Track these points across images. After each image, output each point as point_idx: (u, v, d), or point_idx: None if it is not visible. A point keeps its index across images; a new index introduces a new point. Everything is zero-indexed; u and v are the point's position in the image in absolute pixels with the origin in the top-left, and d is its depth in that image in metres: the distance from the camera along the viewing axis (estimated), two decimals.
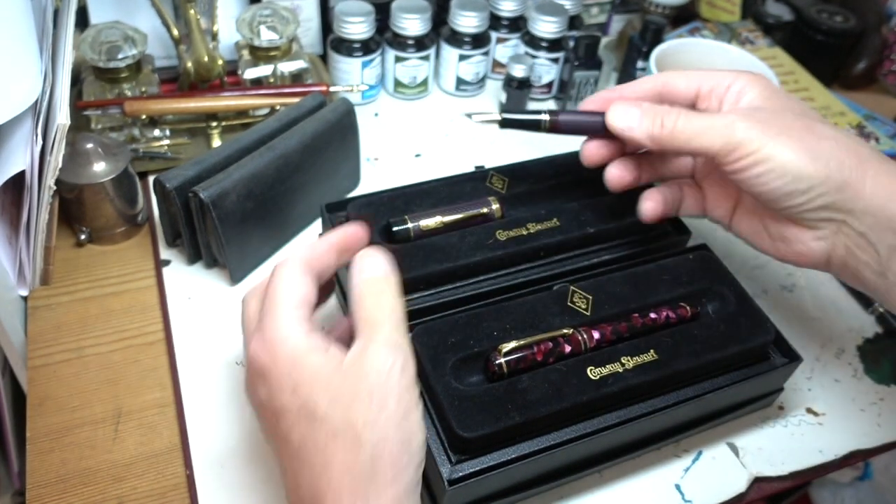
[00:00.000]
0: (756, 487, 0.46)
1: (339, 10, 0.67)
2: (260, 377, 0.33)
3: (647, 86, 0.45)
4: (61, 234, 0.56)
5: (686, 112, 0.41)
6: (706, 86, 0.43)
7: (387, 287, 0.35)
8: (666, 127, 0.41)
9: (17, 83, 0.46)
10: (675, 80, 0.44)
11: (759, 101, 0.41)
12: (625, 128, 0.43)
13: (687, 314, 0.46)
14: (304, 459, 0.32)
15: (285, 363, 0.32)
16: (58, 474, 0.43)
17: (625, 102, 0.43)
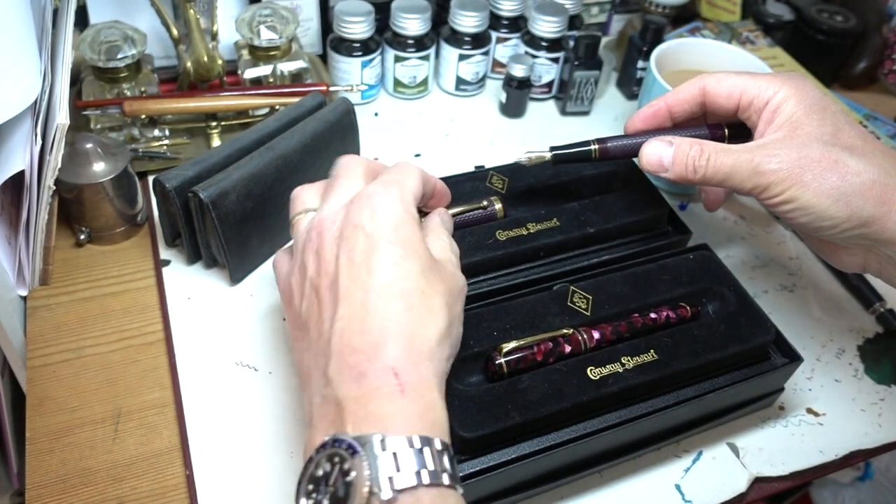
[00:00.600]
0: (756, 487, 0.46)
1: (338, 10, 0.67)
2: (377, 210, 0.35)
3: (690, 94, 0.45)
4: (61, 234, 0.56)
5: (714, 152, 0.41)
6: (746, 97, 0.43)
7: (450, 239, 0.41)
8: (698, 172, 0.42)
9: (17, 83, 0.46)
10: (715, 87, 0.44)
11: (791, 123, 0.41)
12: (658, 170, 0.44)
13: (687, 314, 0.46)
14: (387, 295, 0.34)
15: (405, 217, 0.36)
16: (57, 474, 0.43)
17: (657, 142, 0.44)
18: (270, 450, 0.45)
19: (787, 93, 0.41)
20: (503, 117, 0.74)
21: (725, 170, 0.41)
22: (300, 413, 0.47)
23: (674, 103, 0.46)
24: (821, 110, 0.41)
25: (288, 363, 0.50)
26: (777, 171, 0.39)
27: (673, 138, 0.44)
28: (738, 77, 0.44)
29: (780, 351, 0.47)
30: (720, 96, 0.44)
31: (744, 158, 0.40)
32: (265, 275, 0.55)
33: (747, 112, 0.43)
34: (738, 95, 0.43)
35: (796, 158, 0.39)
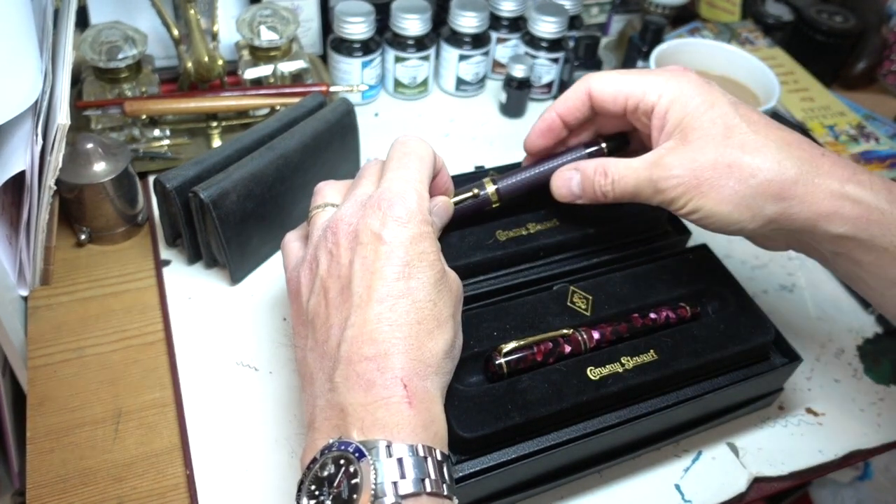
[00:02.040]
0: (756, 487, 0.47)
1: (339, 10, 0.67)
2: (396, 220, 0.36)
3: (578, 99, 0.44)
4: (61, 234, 0.56)
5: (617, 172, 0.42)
6: (632, 101, 0.42)
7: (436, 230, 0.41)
8: (607, 196, 0.43)
9: (18, 83, 0.46)
10: (600, 90, 0.43)
11: (681, 129, 0.40)
12: (572, 199, 0.45)
13: (687, 314, 0.46)
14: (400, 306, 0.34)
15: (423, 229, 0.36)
16: (58, 474, 0.43)
17: (564, 171, 0.45)
18: (270, 450, 0.45)
19: (671, 95, 0.41)
20: (503, 117, 0.74)
21: (630, 190, 0.42)
22: (300, 413, 0.47)
23: (564, 112, 0.45)
24: (709, 108, 0.40)
25: (288, 363, 0.50)
26: (676, 187, 0.39)
27: (578, 164, 0.44)
28: (622, 79, 0.43)
29: (779, 351, 0.47)
30: (606, 101, 0.43)
31: (643, 177, 0.41)
32: (265, 275, 0.55)
33: (635, 115, 0.43)
34: (623, 98, 0.42)
35: (691, 170, 0.39)
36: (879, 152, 0.67)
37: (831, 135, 0.68)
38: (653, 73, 0.42)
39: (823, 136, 0.67)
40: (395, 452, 0.30)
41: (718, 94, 0.41)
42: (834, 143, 0.67)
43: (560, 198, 0.45)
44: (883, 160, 0.66)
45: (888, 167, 0.65)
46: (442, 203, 0.43)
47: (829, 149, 0.42)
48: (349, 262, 0.35)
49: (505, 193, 0.46)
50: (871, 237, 0.38)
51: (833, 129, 0.68)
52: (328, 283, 0.36)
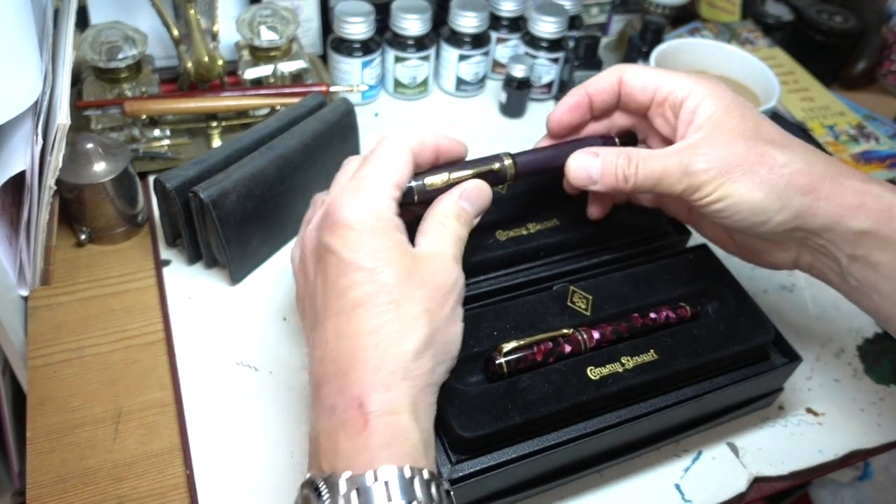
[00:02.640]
0: (756, 487, 0.47)
1: (339, 10, 0.67)
2: (345, 226, 0.34)
3: (609, 83, 0.44)
4: (61, 234, 0.56)
5: (643, 157, 0.41)
6: (661, 92, 0.42)
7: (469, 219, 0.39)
8: (629, 181, 0.41)
9: (18, 83, 0.46)
10: (632, 78, 0.44)
11: (712, 122, 0.40)
12: (587, 184, 0.43)
13: (687, 314, 0.46)
14: (357, 317, 0.33)
15: (373, 226, 0.34)
16: (58, 474, 0.43)
17: (583, 154, 0.42)
18: (270, 450, 0.45)
19: (702, 93, 0.41)
20: (503, 117, 0.74)
21: (656, 175, 0.40)
22: (300, 413, 0.47)
23: (594, 92, 0.45)
24: (739, 107, 0.41)
25: (288, 363, 0.50)
26: (707, 170, 0.39)
27: (598, 149, 0.42)
28: (655, 72, 0.43)
29: (779, 351, 0.47)
30: (636, 88, 0.43)
31: (672, 161, 0.40)
32: (266, 275, 0.55)
33: (661, 108, 0.43)
34: (652, 90, 0.43)
35: (724, 155, 0.39)
36: (879, 152, 0.67)
37: (831, 135, 0.68)
38: (683, 74, 0.43)
39: (823, 136, 0.67)
40: (358, 483, 0.29)
41: (745, 100, 0.42)
42: (834, 142, 0.67)
43: (575, 181, 0.43)
44: (883, 160, 0.66)
45: (888, 167, 0.65)
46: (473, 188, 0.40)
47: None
48: (314, 279, 0.35)
49: (522, 168, 0.44)
50: (893, 232, 0.38)
51: (833, 129, 0.68)
52: (303, 303, 0.36)
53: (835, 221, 0.39)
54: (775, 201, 0.39)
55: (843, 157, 0.65)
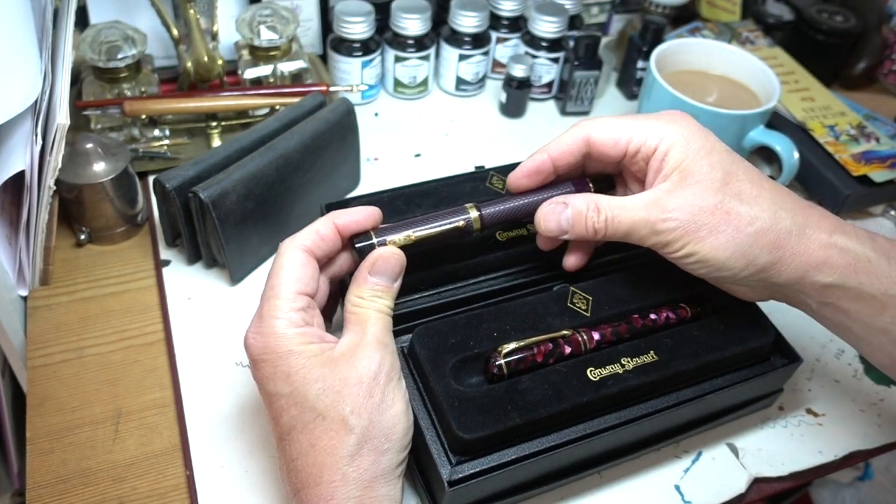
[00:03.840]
0: (756, 488, 0.46)
1: (339, 10, 0.67)
2: (256, 362, 0.37)
3: (574, 143, 0.43)
4: (61, 234, 0.56)
5: (611, 210, 0.40)
6: (633, 145, 0.41)
7: (383, 294, 0.39)
8: (598, 233, 0.41)
9: (17, 83, 0.46)
10: (600, 135, 0.42)
11: (680, 172, 0.40)
12: (558, 234, 0.42)
13: (687, 315, 0.46)
14: (293, 439, 0.35)
15: (279, 353, 0.36)
16: (58, 475, 0.43)
17: (552, 204, 0.42)
18: (270, 450, 0.45)
19: (672, 138, 0.40)
20: (503, 117, 0.74)
21: (624, 228, 0.40)
22: None
23: (557, 155, 0.43)
24: (708, 153, 0.40)
25: None
26: (674, 230, 0.39)
27: (568, 198, 0.42)
28: (621, 124, 0.42)
29: (779, 351, 0.47)
30: (606, 145, 0.42)
31: (639, 217, 0.40)
32: (265, 275, 0.55)
33: (635, 159, 0.42)
34: (625, 144, 0.41)
35: (690, 213, 0.39)
36: (880, 152, 0.66)
37: (832, 135, 0.68)
38: (650, 118, 0.42)
39: (824, 136, 0.67)
40: None
41: (715, 140, 0.41)
42: (834, 143, 0.67)
43: (546, 232, 0.42)
44: (883, 160, 0.65)
45: (889, 167, 0.65)
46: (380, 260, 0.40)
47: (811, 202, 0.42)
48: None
49: (489, 221, 0.44)
50: (860, 285, 0.38)
51: (833, 129, 0.68)
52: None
53: (800, 276, 0.39)
54: (740, 259, 0.39)
55: (843, 157, 0.65)
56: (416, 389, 0.42)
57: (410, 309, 0.46)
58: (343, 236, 0.41)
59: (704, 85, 0.66)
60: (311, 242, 0.39)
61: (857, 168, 0.65)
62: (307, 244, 0.39)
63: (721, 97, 0.65)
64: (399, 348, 0.44)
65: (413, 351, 0.43)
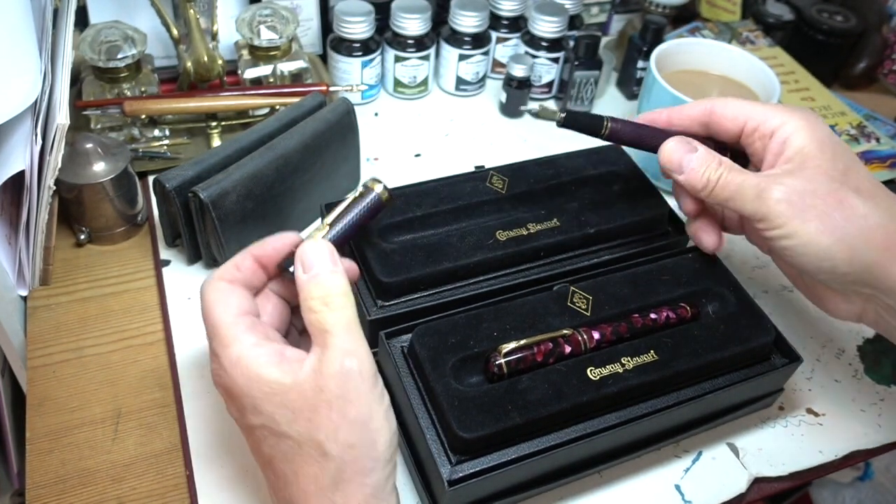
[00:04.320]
0: (756, 488, 0.46)
1: (339, 10, 0.67)
2: (226, 396, 0.35)
3: (696, 111, 0.44)
4: (61, 234, 0.56)
5: (728, 168, 0.41)
6: (752, 122, 0.42)
7: (333, 285, 0.34)
8: (709, 185, 0.41)
9: (17, 83, 0.46)
10: (722, 108, 0.43)
11: (802, 155, 0.39)
12: (674, 170, 0.43)
13: (687, 314, 0.46)
14: (275, 469, 0.34)
15: (242, 383, 0.33)
16: (57, 475, 0.43)
17: (681, 142, 0.43)
18: None
19: (796, 124, 0.40)
20: (503, 117, 0.74)
21: (732, 188, 0.40)
22: None
23: (676, 119, 0.45)
24: (832, 146, 0.39)
25: None
26: (781, 201, 0.38)
27: (697, 144, 0.42)
28: (747, 103, 0.43)
29: (779, 351, 0.47)
30: (726, 118, 0.43)
31: (751, 181, 0.39)
32: None
33: (751, 138, 0.42)
34: (743, 120, 0.42)
35: (802, 191, 0.38)
36: (880, 152, 0.66)
37: None
38: (777, 105, 0.42)
39: None
40: None
41: (840, 140, 0.40)
42: None
43: (666, 163, 0.43)
44: (884, 160, 0.65)
45: (889, 167, 0.65)
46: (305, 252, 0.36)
47: None
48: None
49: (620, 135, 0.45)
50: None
51: (834, 129, 0.68)
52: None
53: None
54: (844, 250, 0.37)
55: None
56: (416, 389, 0.42)
57: (410, 309, 0.46)
58: (264, 265, 0.38)
59: (704, 85, 0.66)
60: (228, 275, 0.37)
61: None
62: (225, 276, 0.36)
63: (721, 97, 0.65)
64: (399, 348, 0.44)
65: (413, 351, 0.43)
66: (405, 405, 0.42)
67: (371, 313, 0.46)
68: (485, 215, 0.51)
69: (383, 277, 0.46)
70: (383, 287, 0.46)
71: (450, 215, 0.51)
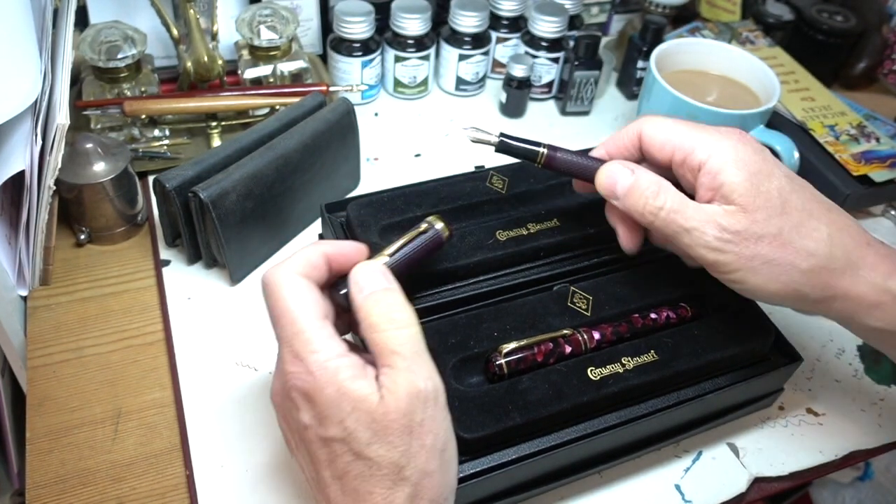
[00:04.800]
0: (756, 487, 0.46)
1: (339, 10, 0.67)
2: (304, 401, 0.32)
3: (627, 137, 0.42)
4: (61, 234, 0.56)
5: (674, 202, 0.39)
6: (679, 153, 0.39)
7: (393, 302, 0.34)
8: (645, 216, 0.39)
9: (17, 83, 0.46)
10: (651, 133, 0.41)
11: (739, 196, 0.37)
12: (609, 196, 0.41)
13: (687, 314, 0.46)
14: (347, 486, 0.31)
15: (330, 393, 0.31)
16: (57, 475, 0.43)
17: (619, 165, 0.41)
18: (270, 450, 0.45)
19: (723, 158, 0.38)
20: (503, 117, 0.74)
21: (674, 228, 0.39)
22: None
23: (613, 150, 0.42)
24: (767, 177, 0.38)
25: None
26: (728, 253, 0.38)
27: (637, 167, 0.40)
28: (674, 128, 0.40)
29: (779, 351, 0.47)
30: (654, 146, 0.40)
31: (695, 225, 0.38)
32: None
33: (681, 170, 0.40)
34: (670, 150, 0.40)
35: (747, 242, 0.37)
36: (880, 152, 0.66)
37: (832, 135, 0.68)
38: (706, 130, 0.39)
39: (824, 136, 0.67)
40: None
41: (773, 165, 0.39)
42: (835, 143, 0.67)
43: (600, 188, 0.41)
44: (884, 160, 0.65)
45: (889, 167, 0.65)
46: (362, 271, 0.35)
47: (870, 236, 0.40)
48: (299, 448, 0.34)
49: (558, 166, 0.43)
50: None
51: (834, 129, 0.68)
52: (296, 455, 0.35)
53: (850, 315, 0.39)
54: (790, 294, 0.38)
55: (843, 156, 0.65)
56: None
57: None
58: (332, 269, 0.36)
59: (704, 85, 0.66)
60: (304, 270, 0.34)
61: (857, 168, 0.65)
62: (301, 271, 0.34)
63: (721, 97, 0.65)
64: None
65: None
66: None
67: None
68: (485, 215, 0.51)
69: None
70: None
71: (450, 215, 0.50)
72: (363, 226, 0.48)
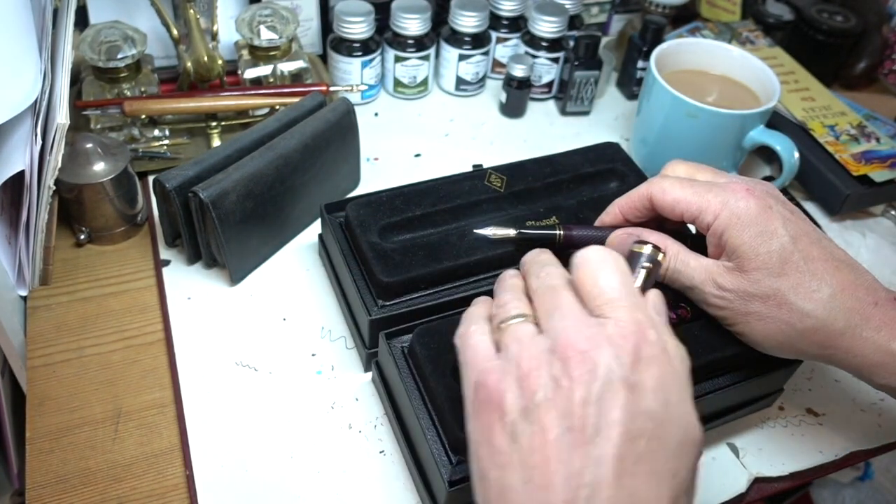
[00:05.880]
0: (756, 488, 0.46)
1: (339, 10, 0.67)
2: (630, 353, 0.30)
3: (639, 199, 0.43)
4: (61, 234, 0.56)
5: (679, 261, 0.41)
6: (688, 215, 0.41)
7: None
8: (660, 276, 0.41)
9: (17, 83, 0.46)
10: (660, 196, 0.42)
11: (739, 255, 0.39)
12: None
13: (687, 315, 0.46)
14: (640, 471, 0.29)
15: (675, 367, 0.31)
16: (57, 474, 0.43)
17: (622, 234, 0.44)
18: (270, 450, 0.45)
19: (727, 219, 0.39)
20: (503, 117, 0.74)
21: (678, 285, 0.42)
22: (300, 413, 0.47)
23: (626, 210, 0.44)
24: (766, 238, 0.38)
25: (288, 363, 0.50)
26: (724, 308, 0.41)
27: (642, 232, 0.43)
28: (681, 191, 0.41)
29: None
30: (664, 209, 0.42)
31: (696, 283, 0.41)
32: (265, 275, 0.55)
33: (694, 226, 0.42)
34: (679, 212, 0.41)
35: (742, 299, 0.39)
36: (880, 152, 0.66)
37: (832, 135, 0.68)
38: (713, 191, 0.40)
39: (824, 136, 0.67)
40: None
41: (778, 225, 0.39)
42: (835, 143, 0.67)
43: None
44: (884, 160, 0.65)
45: (889, 167, 0.65)
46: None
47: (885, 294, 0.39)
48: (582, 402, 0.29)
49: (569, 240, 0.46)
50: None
51: (834, 129, 0.68)
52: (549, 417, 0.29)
53: (856, 370, 0.40)
54: (789, 349, 0.40)
55: (843, 156, 0.65)
56: (416, 389, 0.42)
57: (411, 309, 0.46)
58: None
59: (704, 85, 0.66)
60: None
61: (857, 168, 0.65)
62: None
63: (721, 97, 0.65)
64: (399, 348, 0.44)
65: (413, 351, 0.43)
66: (405, 405, 0.42)
67: (372, 313, 0.46)
68: (484, 214, 0.51)
69: (384, 277, 0.46)
70: (384, 287, 0.46)
71: (449, 214, 0.51)
72: (362, 226, 0.48)
